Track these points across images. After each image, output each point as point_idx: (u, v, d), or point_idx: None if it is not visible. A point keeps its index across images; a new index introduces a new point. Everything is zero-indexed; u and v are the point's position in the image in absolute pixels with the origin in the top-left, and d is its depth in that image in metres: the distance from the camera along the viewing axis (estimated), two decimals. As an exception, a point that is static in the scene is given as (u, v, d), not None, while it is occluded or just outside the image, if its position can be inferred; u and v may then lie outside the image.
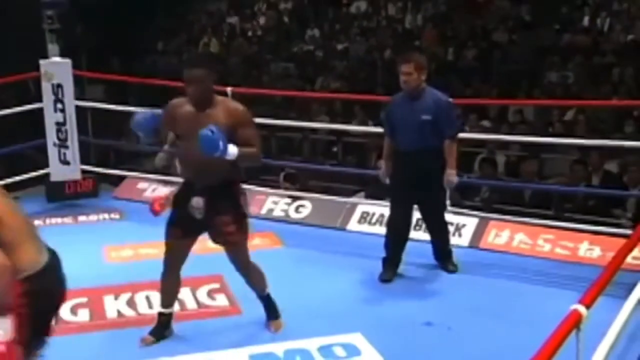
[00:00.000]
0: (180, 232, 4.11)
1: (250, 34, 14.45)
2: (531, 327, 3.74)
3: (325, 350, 4.14)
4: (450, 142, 5.02)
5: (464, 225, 5.91)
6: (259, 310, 4.62)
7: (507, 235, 5.78)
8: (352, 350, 4.16)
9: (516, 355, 3.00)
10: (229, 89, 6.06)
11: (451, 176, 5.05)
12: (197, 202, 4.02)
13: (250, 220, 4.21)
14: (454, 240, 5.63)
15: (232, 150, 3.85)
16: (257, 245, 5.57)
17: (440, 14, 12.98)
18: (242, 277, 4.32)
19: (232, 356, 4.08)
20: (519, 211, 6.81)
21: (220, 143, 3.79)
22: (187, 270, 4.73)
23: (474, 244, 5.80)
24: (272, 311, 4.44)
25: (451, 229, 5.63)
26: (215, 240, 4.17)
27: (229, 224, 4.04)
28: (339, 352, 4.14)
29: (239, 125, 3.94)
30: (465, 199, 7.00)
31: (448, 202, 5.64)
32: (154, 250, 5.59)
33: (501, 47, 11.69)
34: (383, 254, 5.21)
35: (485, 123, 9.63)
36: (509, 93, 9.93)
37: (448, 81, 9.61)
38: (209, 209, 4.01)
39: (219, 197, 4.01)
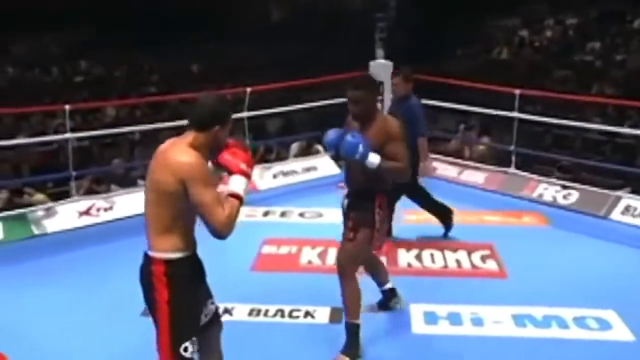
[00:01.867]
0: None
1: (537, 44, 13.74)
2: None
3: (579, 321, 3.79)
4: (420, 138, 4.75)
5: None
6: (524, 278, 4.37)
7: None
8: (604, 324, 3.76)
9: None
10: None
11: (428, 168, 4.73)
12: (344, 200, 3.64)
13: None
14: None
15: (374, 158, 3.34)
16: (526, 222, 5.27)
17: None
18: (338, 278, 3.51)
19: (496, 312, 3.88)
20: None
21: (361, 147, 3.32)
22: (463, 236, 4.63)
23: None
24: (350, 342, 3.46)
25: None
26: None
27: (350, 227, 3.50)
28: (592, 324, 3.76)
29: (389, 140, 3.39)
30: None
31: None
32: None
33: None
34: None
35: None
36: None
37: None
38: (349, 209, 3.56)
39: (357, 202, 3.53)
